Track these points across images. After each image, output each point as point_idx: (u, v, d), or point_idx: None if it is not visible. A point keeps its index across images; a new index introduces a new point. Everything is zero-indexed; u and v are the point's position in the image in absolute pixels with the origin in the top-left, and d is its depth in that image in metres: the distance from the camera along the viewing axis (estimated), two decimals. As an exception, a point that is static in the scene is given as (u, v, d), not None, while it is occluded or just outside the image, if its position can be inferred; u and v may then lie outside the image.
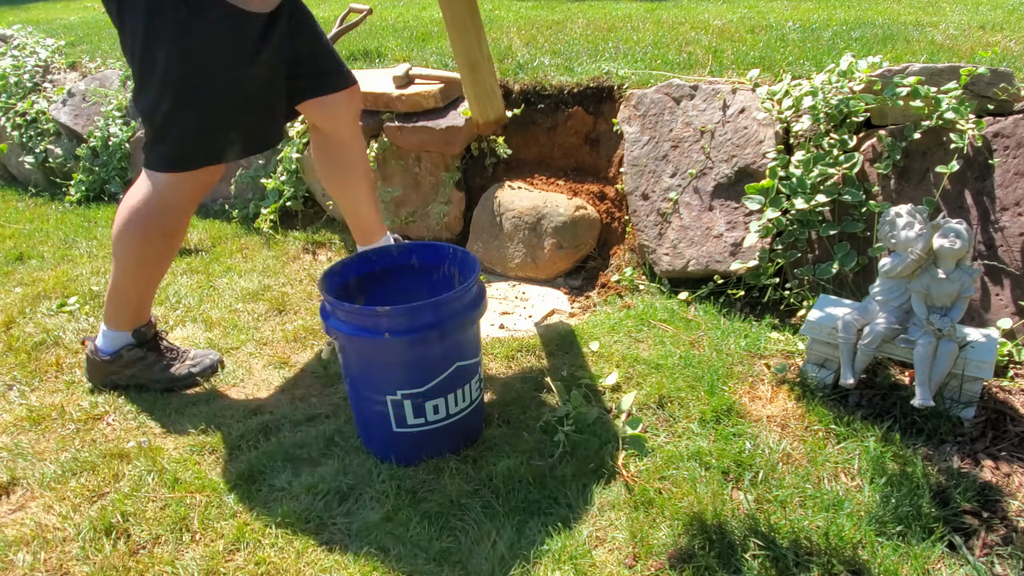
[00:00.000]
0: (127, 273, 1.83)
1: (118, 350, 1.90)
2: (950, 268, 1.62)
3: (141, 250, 1.79)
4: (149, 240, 1.77)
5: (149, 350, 1.94)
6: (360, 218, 2.16)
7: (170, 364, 1.96)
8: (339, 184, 2.10)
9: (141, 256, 1.80)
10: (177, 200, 1.76)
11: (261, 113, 1.78)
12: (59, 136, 3.76)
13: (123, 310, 1.88)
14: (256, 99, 1.74)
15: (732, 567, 1.31)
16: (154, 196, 1.74)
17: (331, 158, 2.05)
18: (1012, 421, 1.66)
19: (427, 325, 1.47)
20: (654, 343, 2.03)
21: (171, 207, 1.76)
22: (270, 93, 1.78)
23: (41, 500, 1.57)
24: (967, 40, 2.69)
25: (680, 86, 2.40)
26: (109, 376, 1.93)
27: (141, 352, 1.92)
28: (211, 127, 1.70)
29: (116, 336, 1.90)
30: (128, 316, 1.90)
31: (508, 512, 1.46)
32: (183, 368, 1.97)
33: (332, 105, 1.93)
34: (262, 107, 1.77)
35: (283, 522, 1.46)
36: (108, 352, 1.90)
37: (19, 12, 6.28)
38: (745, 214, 2.21)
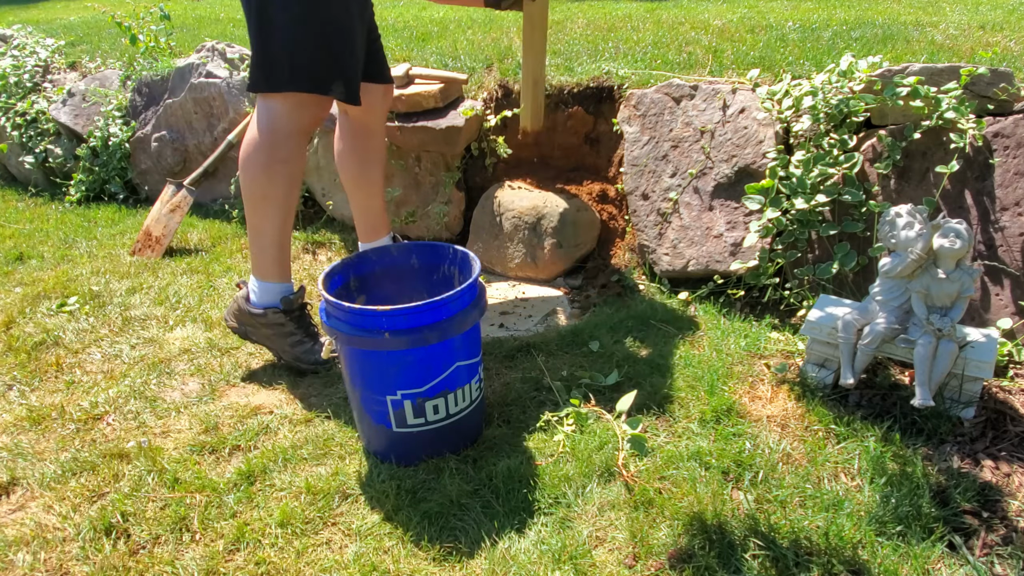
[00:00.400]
0: (259, 213, 1.86)
1: (266, 309, 1.92)
2: (950, 268, 1.62)
3: (266, 183, 1.82)
4: (272, 170, 1.81)
5: (291, 320, 1.95)
6: (369, 212, 2.19)
7: (303, 342, 1.98)
8: (357, 174, 2.14)
9: (267, 190, 1.83)
10: (291, 127, 1.80)
11: (358, 55, 1.84)
12: (59, 136, 3.76)
13: (265, 256, 1.90)
14: (358, 38, 1.82)
15: (732, 567, 1.31)
16: (269, 125, 1.79)
17: (354, 147, 2.10)
18: (1012, 421, 1.66)
19: (427, 325, 1.47)
20: (654, 343, 2.03)
21: (287, 134, 1.80)
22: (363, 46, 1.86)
23: (41, 500, 1.57)
24: (967, 40, 2.69)
25: (680, 86, 2.40)
26: (246, 326, 1.98)
27: (284, 319, 1.94)
28: (321, 50, 1.75)
29: (266, 290, 1.93)
30: (271, 265, 1.91)
31: (508, 512, 1.46)
32: (315, 353, 1.99)
33: (372, 94, 2.00)
34: (360, 49, 1.84)
35: (283, 522, 1.46)
36: (258, 306, 1.93)
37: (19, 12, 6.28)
38: (745, 214, 2.21)
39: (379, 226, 2.21)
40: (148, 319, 2.34)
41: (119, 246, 3.00)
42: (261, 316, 1.93)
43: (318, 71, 1.76)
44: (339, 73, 1.78)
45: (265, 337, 1.98)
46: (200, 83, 3.24)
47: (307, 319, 2.01)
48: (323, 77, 1.77)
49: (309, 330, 2.01)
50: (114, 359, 2.13)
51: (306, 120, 1.82)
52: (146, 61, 3.61)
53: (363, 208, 2.19)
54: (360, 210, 2.20)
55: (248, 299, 1.95)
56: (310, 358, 1.98)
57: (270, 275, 1.92)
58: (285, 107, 1.79)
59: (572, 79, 2.73)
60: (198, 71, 3.28)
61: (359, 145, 2.10)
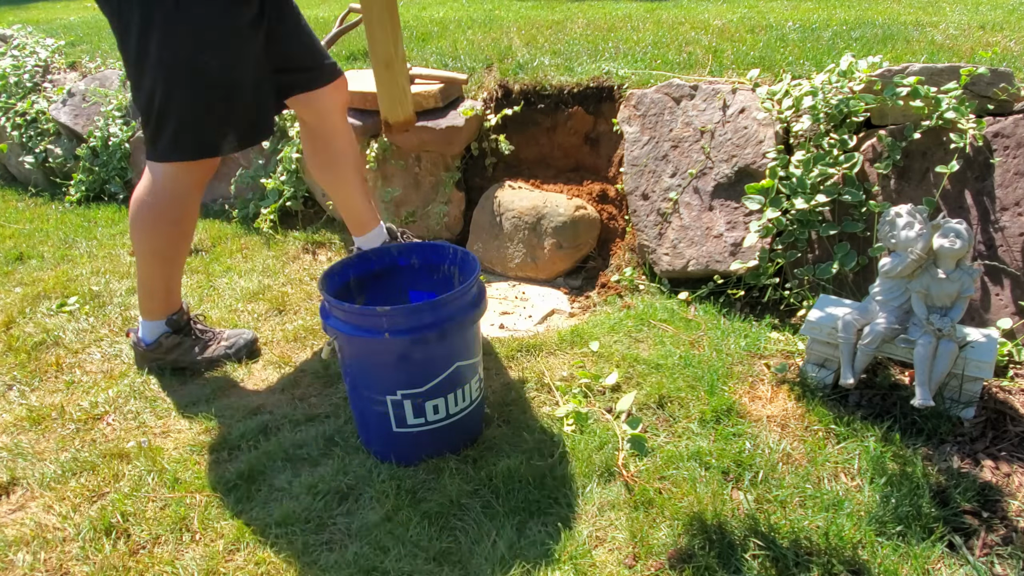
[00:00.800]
0: (147, 264, 1.92)
1: (157, 339, 2.01)
2: (950, 268, 1.62)
3: (154, 241, 1.88)
4: (159, 230, 1.87)
5: (185, 335, 2.04)
6: (353, 209, 2.18)
7: (207, 346, 2.06)
8: (330, 176, 2.13)
9: (155, 247, 1.89)
10: (180, 189, 1.83)
11: (251, 103, 1.82)
12: (59, 136, 3.76)
13: (153, 300, 1.98)
14: (247, 88, 1.78)
15: (732, 567, 1.31)
16: (158, 187, 1.82)
17: (319, 151, 2.09)
18: (1012, 421, 1.66)
19: (427, 325, 1.47)
20: (654, 343, 2.03)
21: (175, 196, 1.84)
22: (259, 83, 1.82)
23: (41, 500, 1.57)
24: (967, 40, 2.69)
25: (680, 86, 2.40)
26: (154, 362, 2.04)
27: (178, 338, 2.02)
28: (204, 114, 1.75)
29: (153, 326, 2.00)
30: (159, 306, 1.99)
31: (508, 512, 1.46)
32: (219, 349, 2.07)
33: (318, 99, 1.97)
34: (252, 97, 1.81)
35: (283, 522, 1.46)
36: (148, 342, 2.01)
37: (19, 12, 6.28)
38: (745, 214, 2.21)
39: (366, 220, 2.20)
40: (148, 319, 2.34)
41: (119, 246, 3.00)
42: (158, 347, 2.01)
43: (203, 137, 1.77)
44: (226, 130, 1.78)
45: (176, 361, 2.04)
46: (200, 83, 3.23)
47: (192, 325, 2.08)
48: (209, 141, 1.78)
49: (205, 332, 2.09)
50: (114, 359, 2.13)
51: (196, 177, 1.85)
52: (146, 61, 3.60)
53: (346, 207, 2.19)
54: (344, 209, 2.20)
55: (139, 341, 2.02)
56: (221, 352, 2.06)
57: (156, 316, 2.00)
58: (171, 172, 1.80)
59: (572, 79, 2.73)
60: (198, 71, 3.28)
61: (323, 148, 2.08)
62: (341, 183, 2.13)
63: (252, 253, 2.85)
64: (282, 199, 3.03)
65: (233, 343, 2.09)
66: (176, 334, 2.02)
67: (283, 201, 3.03)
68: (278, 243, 2.91)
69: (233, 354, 2.07)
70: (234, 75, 1.74)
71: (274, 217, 2.99)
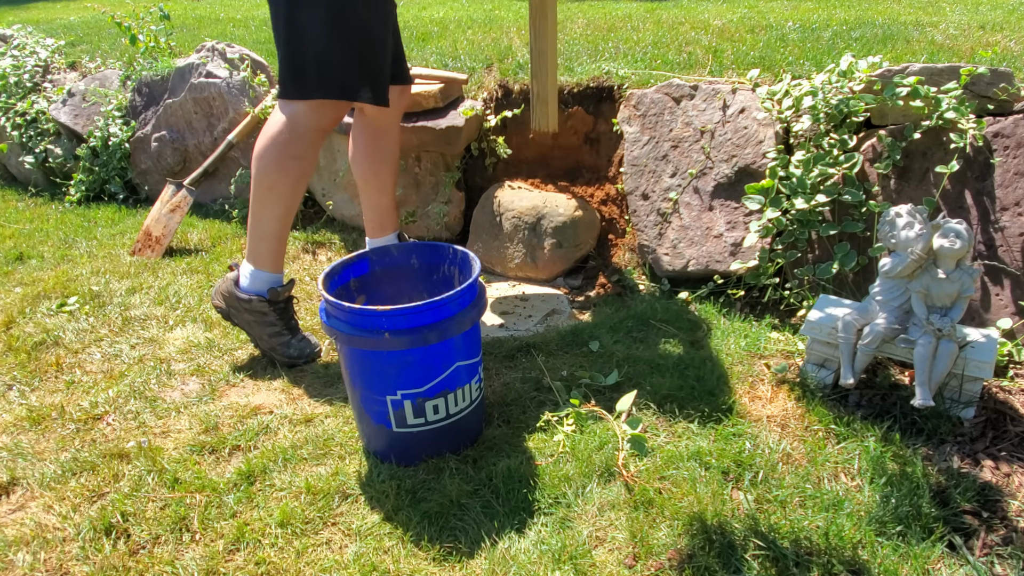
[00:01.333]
0: (262, 201, 1.91)
1: (252, 296, 1.97)
2: (950, 268, 1.62)
3: (274, 174, 1.88)
4: (282, 164, 1.86)
5: (274, 311, 2.00)
6: (379, 209, 2.22)
7: (281, 334, 2.02)
8: (369, 171, 2.17)
9: (274, 181, 1.89)
10: (309, 127, 1.85)
11: (386, 63, 1.88)
12: (59, 136, 3.76)
13: (261, 245, 1.96)
14: (386, 48, 1.86)
15: (732, 567, 1.31)
16: (289, 122, 1.84)
17: (368, 144, 2.14)
18: (1012, 421, 1.66)
19: (427, 325, 1.48)
20: (654, 343, 2.03)
21: (304, 132, 1.85)
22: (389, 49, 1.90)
23: (41, 500, 1.57)
24: (967, 40, 2.69)
25: (680, 86, 2.40)
26: (231, 308, 2.02)
27: (267, 308, 1.99)
28: (354, 59, 1.79)
29: (256, 278, 1.98)
30: (266, 254, 1.97)
31: (508, 512, 1.46)
32: (290, 347, 2.03)
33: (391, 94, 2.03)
34: (387, 58, 1.88)
35: (283, 522, 1.46)
36: (245, 291, 1.98)
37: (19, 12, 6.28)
38: (745, 214, 2.21)
39: (387, 223, 2.24)
40: (148, 319, 2.34)
41: (119, 246, 3.00)
42: (246, 302, 1.98)
43: (347, 78, 1.80)
44: (368, 79, 1.82)
45: (246, 323, 2.02)
46: (200, 83, 3.24)
47: (290, 313, 2.05)
48: (352, 84, 1.81)
49: (290, 324, 2.04)
50: (114, 359, 2.13)
51: (326, 120, 1.87)
52: (146, 61, 3.61)
53: (373, 205, 2.21)
54: (370, 207, 2.22)
55: (237, 283, 2.00)
56: (286, 351, 2.02)
57: (263, 264, 1.97)
58: (307, 107, 1.83)
59: (572, 79, 2.73)
60: (198, 71, 3.28)
61: (372, 143, 2.13)
62: (378, 180, 2.17)
63: (252, 253, 2.85)
64: (282, 199, 3.03)
65: (304, 349, 2.04)
66: (269, 304, 1.98)
67: (283, 201, 3.03)
68: (278, 243, 2.91)
69: (297, 356, 2.03)
70: (379, 26, 1.82)
71: (274, 217, 2.99)
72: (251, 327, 2.02)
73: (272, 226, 1.93)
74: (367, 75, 1.83)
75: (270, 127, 1.87)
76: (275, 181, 1.88)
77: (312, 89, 1.80)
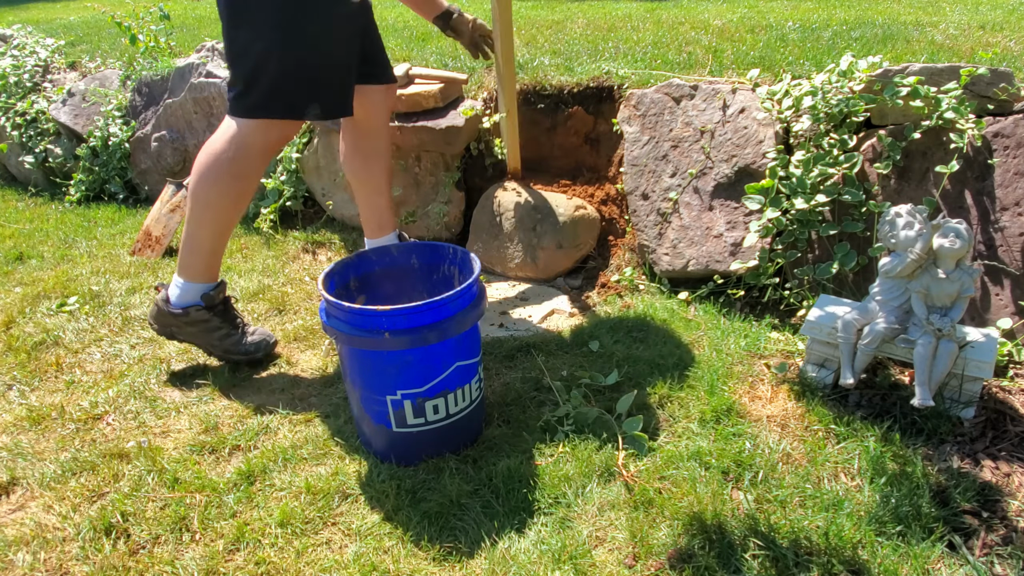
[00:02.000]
0: (198, 217, 1.87)
1: (187, 308, 1.93)
2: (950, 268, 1.62)
3: (212, 192, 1.83)
4: (221, 182, 1.82)
5: (215, 315, 1.97)
6: (376, 210, 2.20)
7: (230, 335, 2.00)
8: (361, 173, 2.16)
9: (212, 199, 1.84)
10: (253, 147, 1.81)
11: (343, 75, 1.85)
12: (59, 136, 3.76)
13: (194, 258, 1.92)
14: (342, 59, 1.83)
15: (732, 567, 1.31)
16: (233, 140, 1.80)
17: (359, 146, 2.12)
18: (1012, 421, 1.66)
19: (427, 325, 1.47)
20: (654, 343, 2.03)
21: (248, 152, 1.81)
22: (350, 63, 1.87)
23: (41, 500, 1.57)
24: (967, 40, 2.69)
25: (680, 86, 2.40)
26: (170, 328, 1.98)
27: (207, 315, 1.96)
28: (298, 78, 1.76)
29: (187, 290, 1.94)
30: (199, 267, 1.93)
31: (508, 512, 1.46)
32: (242, 343, 2.01)
33: (373, 95, 2.03)
34: (345, 70, 1.85)
35: (283, 522, 1.46)
36: (177, 306, 1.94)
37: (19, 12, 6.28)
38: (745, 214, 2.21)
39: (385, 223, 2.23)
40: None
41: (119, 246, 3.00)
42: (183, 315, 1.94)
43: (293, 96, 1.77)
44: (315, 97, 1.79)
45: (191, 335, 1.98)
46: (200, 83, 3.24)
47: (232, 312, 2.03)
48: (298, 102, 1.78)
49: (235, 322, 2.03)
50: (114, 359, 2.13)
51: (272, 139, 1.84)
52: (146, 61, 3.61)
53: (369, 205, 2.21)
54: (366, 207, 2.21)
55: (167, 300, 1.95)
56: (240, 348, 2.01)
57: (195, 276, 1.94)
58: (253, 126, 1.79)
59: (572, 79, 2.73)
60: (198, 71, 3.28)
61: (362, 144, 2.12)
62: (372, 180, 2.16)
63: (252, 253, 2.85)
64: (282, 199, 3.03)
65: (257, 342, 2.03)
66: (207, 310, 1.95)
67: (283, 201, 3.03)
68: (278, 243, 2.91)
69: (253, 351, 2.01)
70: (329, 42, 1.77)
71: (274, 217, 2.99)
72: (197, 338, 1.98)
73: (208, 243, 1.90)
74: (314, 92, 1.78)
75: (214, 143, 1.82)
76: (214, 200, 1.84)
77: (256, 108, 1.76)
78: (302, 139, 3.01)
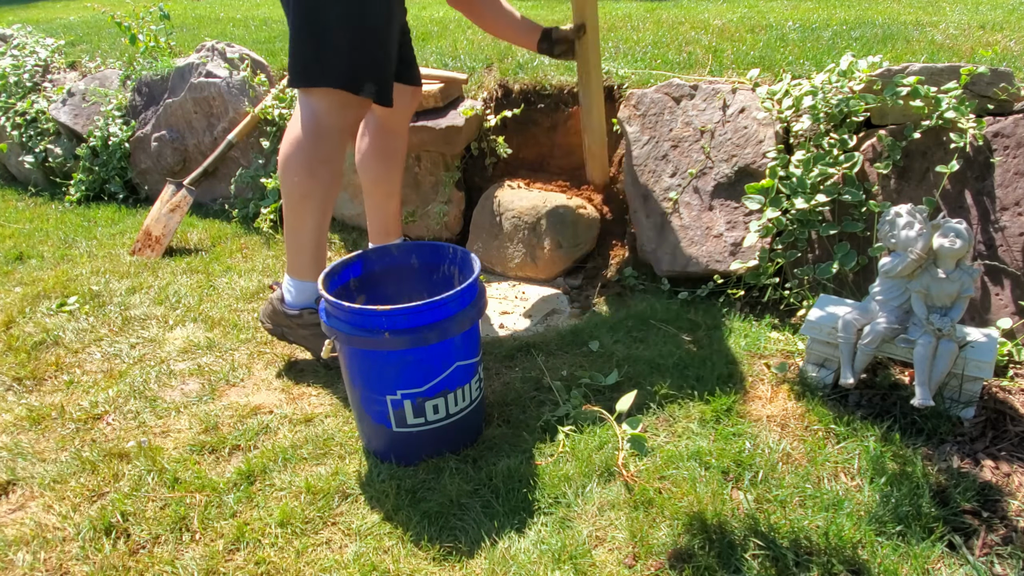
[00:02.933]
0: (297, 210, 1.86)
1: (301, 310, 1.92)
2: (950, 268, 1.62)
3: (306, 182, 1.82)
4: (312, 169, 1.81)
5: None
6: (384, 214, 2.20)
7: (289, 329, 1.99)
8: (377, 174, 2.15)
9: (307, 189, 1.83)
10: (333, 124, 1.80)
11: (393, 61, 1.86)
12: (59, 136, 3.76)
13: (302, 256, 1.90)
14: (393, 46, 1.84)
15: (732, 567, 1.31)
16: (310, 122, 1.79)
17: (377, 146, 2.12)
18: (1012, 421, 1.66)
19: (427, 325, 1.47)
20: (654, 343, 2.03)
21: (327, 131, 1.80)
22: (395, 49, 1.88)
23: (41, 500, 1.57)
24: (967, 40, 2.69)
25: (680, 86, 2.40)
26: (282, 328, 1.97)
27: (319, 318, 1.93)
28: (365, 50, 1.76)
29: (301, 290, 1.92)
30: (308, 264, 1.91)
31: (508, 512, 1.46)
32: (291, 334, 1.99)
33: (402, 94, 2.04)
34: (392, 57, 1.86)
35: (283, 522, 1.46)
36: (293, 306, 1.93)
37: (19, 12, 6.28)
38: (745, 214, 2.21)
39: (392, 229, 2.23)
40: (148, 319, 2.34)
41: (119, 246, 3.00)
42: (297, 317, 1.92)
43: (352, 71, 1.77)
44: (372, 74, 1.79)
45: (303, 338, 1.96)
46: (200, 83, 3.24)
47: None
48: (356, 77, 1.78)
49: None
50: (114, 359, 2.13)
51: (348, 119, 1.83)
52: (146, 61, 3.61)
53: (378, 209, 2.20)
54: (375, 211, 2.21)
55: (283, 300, 1.94)
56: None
57: (306, 275, 1.91)
58: (326, 105, 1.79)
59: (572, 79, 2.73)
60: (198, 71, 3.28)
61: (382, 144, 2.11)
62: (388, 182, 2.15)
63: (252, 253, 2.85)
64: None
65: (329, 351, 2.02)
66: None
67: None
68: (278, 243, 2.91)
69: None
70: (386, 24, 1.79)
71: (274, 217, 2.99)
72: (308, 341, 1.96)
73: (311, 234, 1.88)
74: (372, 71, 1.79)
75: (292, 133, 1.82)
76: (308, 189, 1.82)
77: (316, 78, 1.76)
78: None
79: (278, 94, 3.12)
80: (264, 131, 3.18)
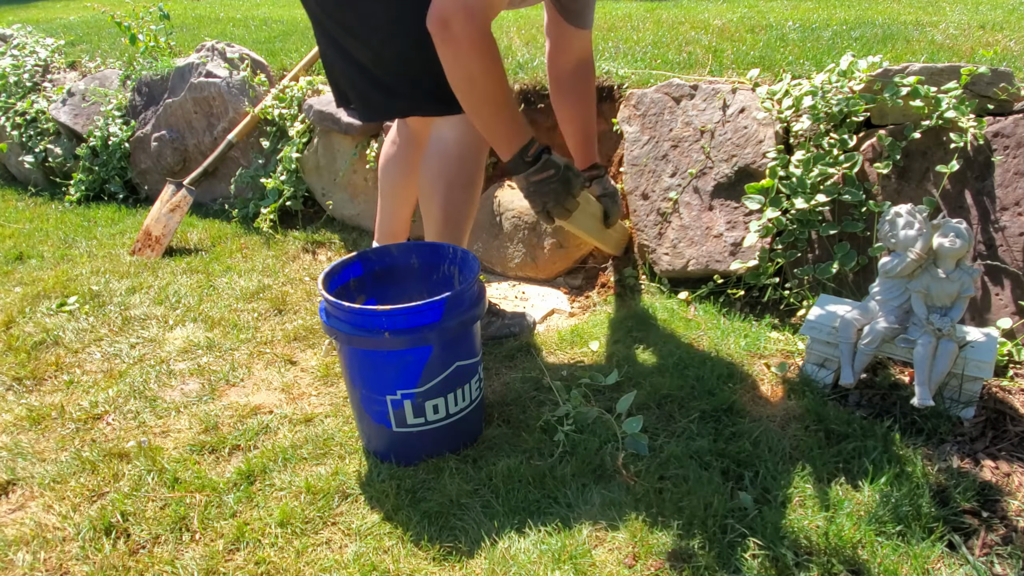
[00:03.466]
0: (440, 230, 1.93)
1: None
2: (950, 268, 1.62)
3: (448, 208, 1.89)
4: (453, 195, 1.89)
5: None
6: (396, 220, 2.23)
7: (491, 323, 2.13)
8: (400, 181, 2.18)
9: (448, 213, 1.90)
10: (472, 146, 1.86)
11: None
12: (59, 136, 3.76)
13: None
14: None
15: (732, 567, 1.31)
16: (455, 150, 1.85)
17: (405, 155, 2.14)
18: (1012, 421, 1.66)
19: (427, 325, 1.47)
20: (654, 343, 2.03)
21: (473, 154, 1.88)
22: None
23: (41, 500, 1.57)
24: (967, 40, 2.69)
25: (680, 86, 2.40)
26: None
27: None
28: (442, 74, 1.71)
29: None
30: None
31: (508, 512, 1.46)
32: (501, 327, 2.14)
33: None
34: None
35: (283, 522, 1.46)
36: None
37: (19, 11, 6.28)
38: (745, 214, 2.21)
39: (399, 234, 2.25)
40: (148, 319, 2.34)
41: (119, 246, 3.00)
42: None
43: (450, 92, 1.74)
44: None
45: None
46: (200, 83, 3.24)
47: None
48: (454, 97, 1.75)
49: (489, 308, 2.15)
50: (114, 359, 2.13)
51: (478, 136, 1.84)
52: (146, 61, 3.61)
53: (391, 212, 2.21)
54: (388, 215, 2.22)
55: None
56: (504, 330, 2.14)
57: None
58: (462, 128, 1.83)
59: (572, 79, 2.72)
60: (198, 71, 3.28)
61: (409, 154, 2.12)
62: (404, 192, 2.17)
63: (252, 253, 2.85)
64: (282, 199, 3.03)
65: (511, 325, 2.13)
66: None
67: (283, 201, 3.03)
68: (278, 243, 2.91)
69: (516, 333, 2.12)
70: None
71: (274, 217, 2.99)
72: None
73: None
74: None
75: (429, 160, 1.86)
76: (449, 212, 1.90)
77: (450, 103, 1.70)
78: (302, 139, 3.01)
79: (278, 94, 3.12)
80: (264, 131, 3.18)
